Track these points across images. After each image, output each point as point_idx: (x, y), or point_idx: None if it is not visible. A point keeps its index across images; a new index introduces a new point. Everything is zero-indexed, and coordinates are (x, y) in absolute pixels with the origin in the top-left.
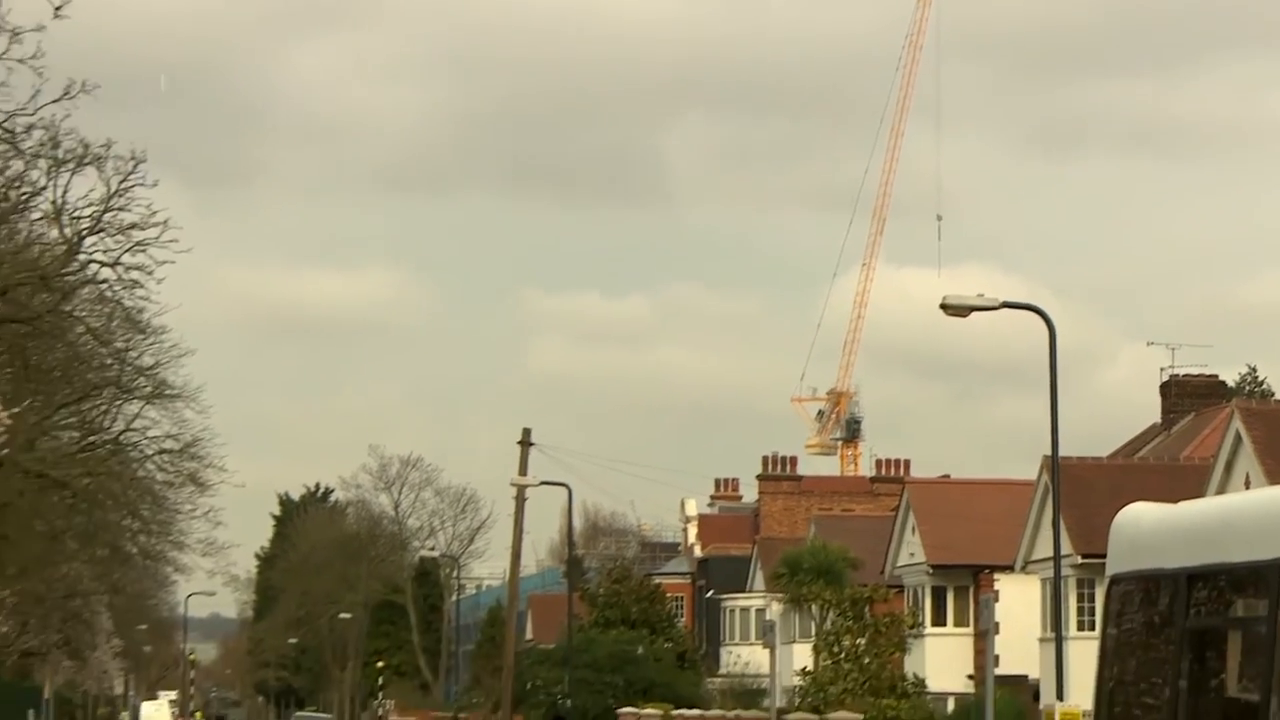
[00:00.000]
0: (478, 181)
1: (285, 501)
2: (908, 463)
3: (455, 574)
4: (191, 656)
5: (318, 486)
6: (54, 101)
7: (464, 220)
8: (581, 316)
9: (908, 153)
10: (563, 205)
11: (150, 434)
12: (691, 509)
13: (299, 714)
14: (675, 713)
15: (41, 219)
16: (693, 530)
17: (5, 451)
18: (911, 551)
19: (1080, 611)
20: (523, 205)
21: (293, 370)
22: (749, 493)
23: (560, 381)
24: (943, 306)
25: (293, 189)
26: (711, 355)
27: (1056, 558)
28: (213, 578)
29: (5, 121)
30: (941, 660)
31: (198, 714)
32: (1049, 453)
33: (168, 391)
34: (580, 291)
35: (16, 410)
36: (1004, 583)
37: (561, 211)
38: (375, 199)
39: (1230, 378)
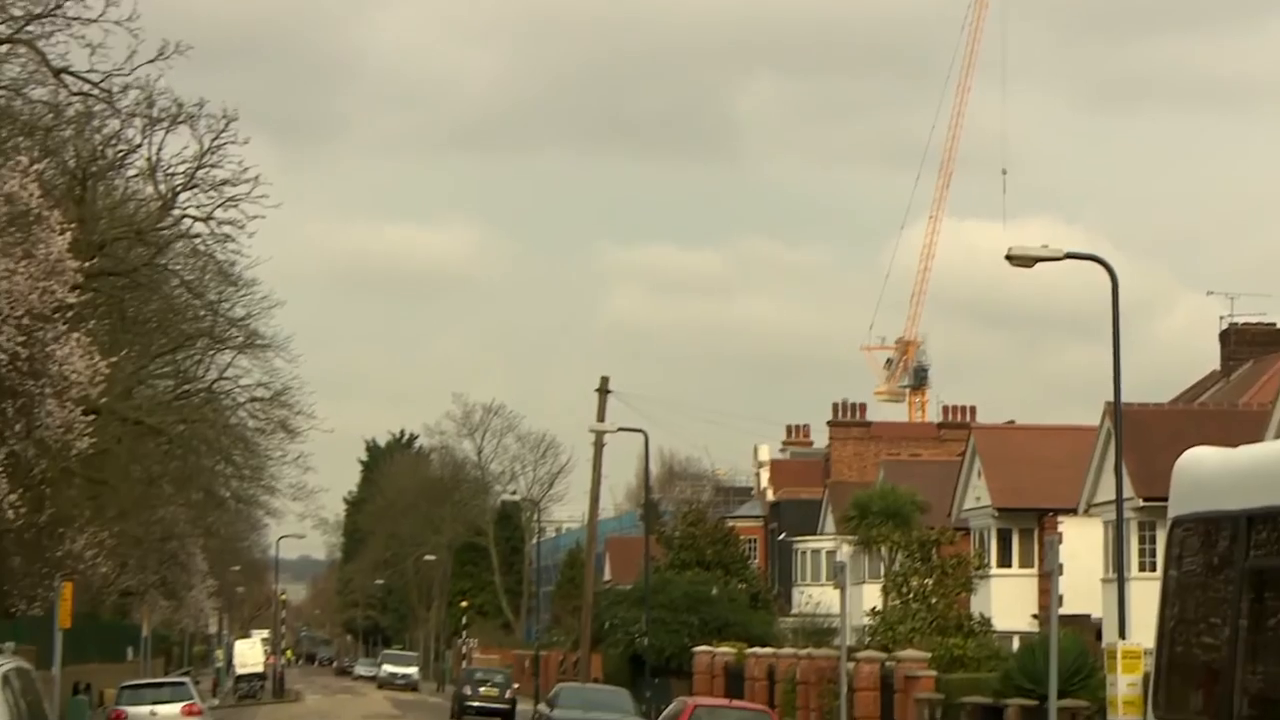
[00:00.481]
0: (555, 138)
1: (372, 447)
2: (973, 409)
3: (536, 517)
4: (283, 597)
5: (403, 433)
6: (149, 62)
7: (541, 176)
8: (656, 268)
9: (973, 109)
10: (637, 161)
11: (242, 382)
12: (764, 454)
13: (386, 652)
14: (749, 651)
15: (137, 176)
16: (765, 475)
17: (104, 400)
18: (977, 495)
19: (1141, 553)
20: (598, 161)
21: (378, 321)
22: (819, 438)
23: (636, 331)
24: (1008, 258)
25: (376, 146)
26: (782, 306)
27: (1119, 501)
28: (303, 521)
29: (103, 81)
30: (1006, 600)
31: (289, 652)
32: (1111, 399)
33: (259, 341)
34: (654, 244)
35: (115, 360)
36: (1067, 525)
37: (635, 167)
38: (455, 156)
39: None
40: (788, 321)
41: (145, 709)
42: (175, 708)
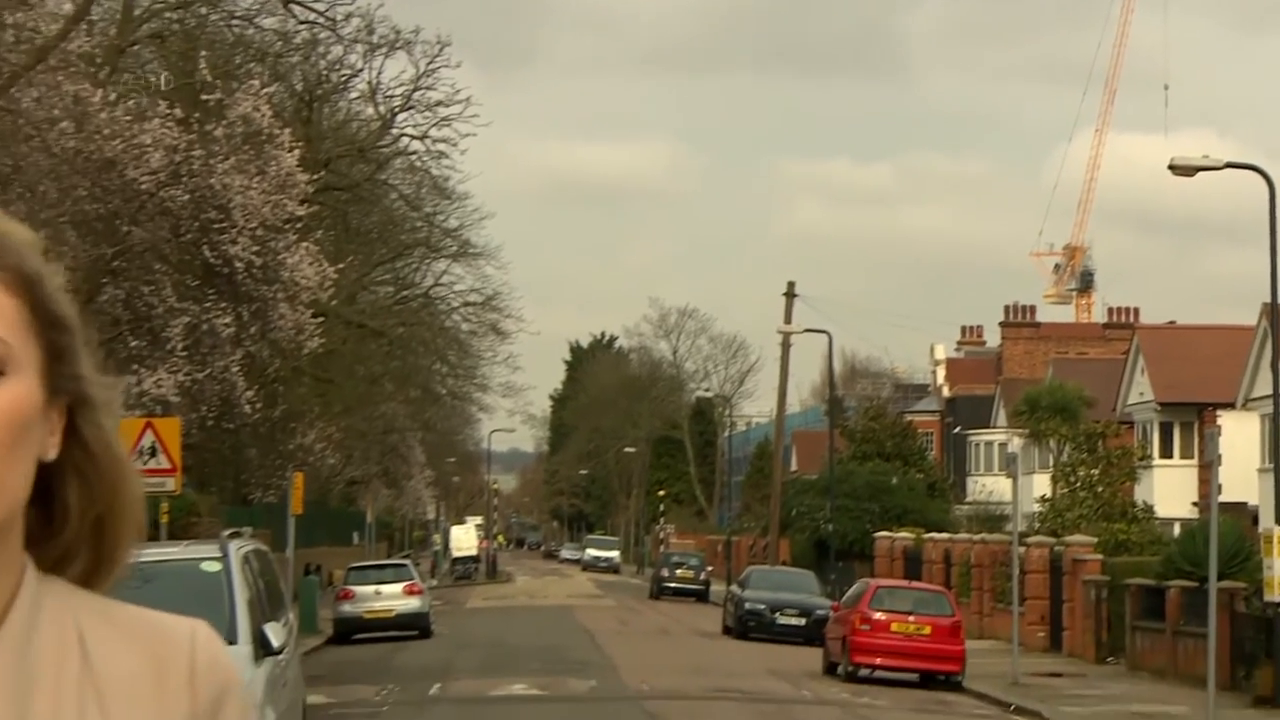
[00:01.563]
0: (738, 59)
1: (575, 348)
2: (1137, 310)
3: (727, 412)
4: (494, 486)
5: (604, 334)
6: None
7: (726, 94)
8: (832, 180)
9: (1136, 28)
10: (814, 79)
11: (456, 288)
12: (940, 353)
13: (589, 537)
14: (926, 536)
15: (359, 98)
16: (941, 373)
17: (331, 304)
18: (1141, 391)
19: None
20: (779, 80)
21: (579, 231)
22: (992, 338)
23: (815, 239)
24: (1171, 167)
25: (571, 69)
26: (950, 216)
27: (1276, 396)
28: (512, 416)
29: (327, 11)
30: (1168, 489)
31: (500, 537)
32: (1268, 300)
33: (471, 250)
34: (831, 158)
35: (340, 267)
36: (1226, 419)
37: (813, 85)
38: (646, 77)
39: None
40: (957, 231)
41: (370, 588)
42: (398, 587)
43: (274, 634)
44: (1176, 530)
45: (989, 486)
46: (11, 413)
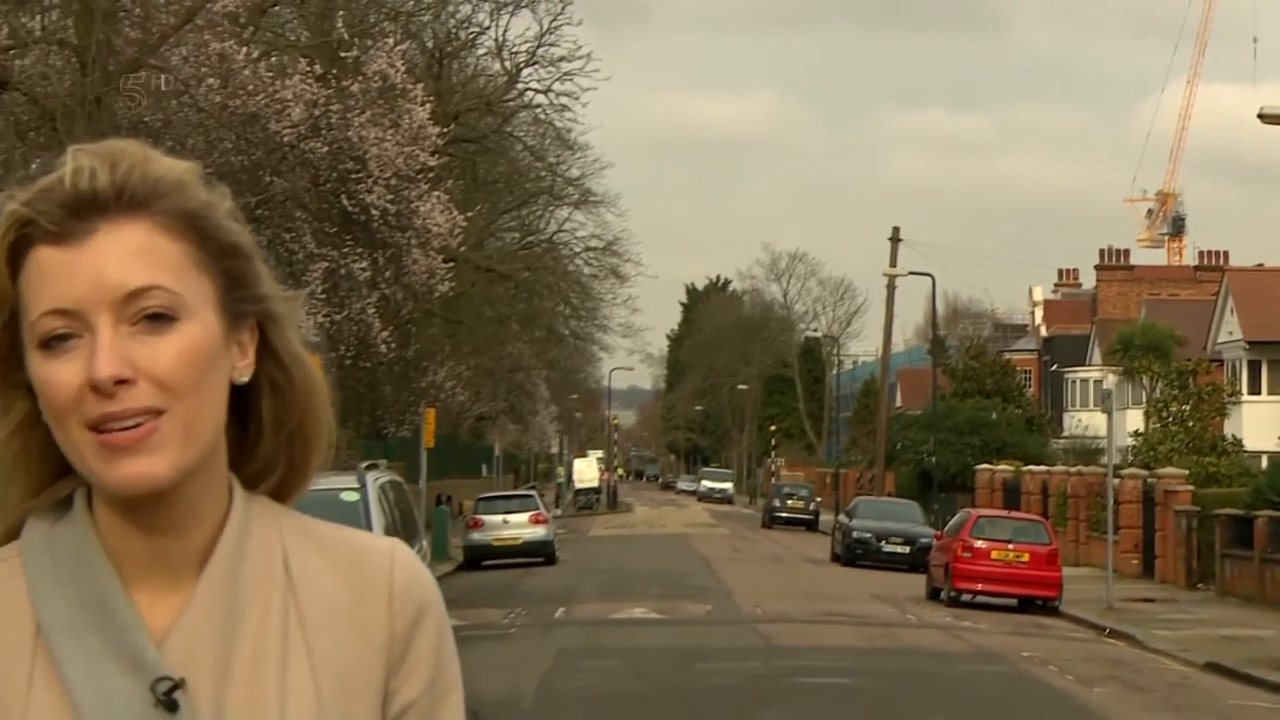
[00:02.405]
0: (842, 14)
1: (691, 291)
2: (1226, 253)
3: (835, 351)
4: (614, 421)
5: (718, 278)
6: None
7: (831, 48)
8: (931, 131)
9: None
10: (914, 33)
11: (578, 234)
12: (1038, 295)
13: (704, 469)
14: (1025, 468)
15: (486, 55)
16: (1039, 313)
17: (461, 249)
18: (1230, 330)
19: None
20: (880, 34)
21: (693, 180)
22: (1087, 280)
23: (916, 185)
24: (1260, 116)
25: (681, 25)
26: (1049, 164)
27: None
28: (631, 355)
29: None
30: (1256, 423)
31: (620, 469)
32: None
33: (592, 198)
34: (929, 109)
35: (469, 215)
36: None
37: (913, 39)
38: (754, 32)
39: None
40: (1052, 178)
41: (498, 517)
42: (524, 516)
43: None
44: (1264, 463)
45: (1084, 422)
46: (190, 354)
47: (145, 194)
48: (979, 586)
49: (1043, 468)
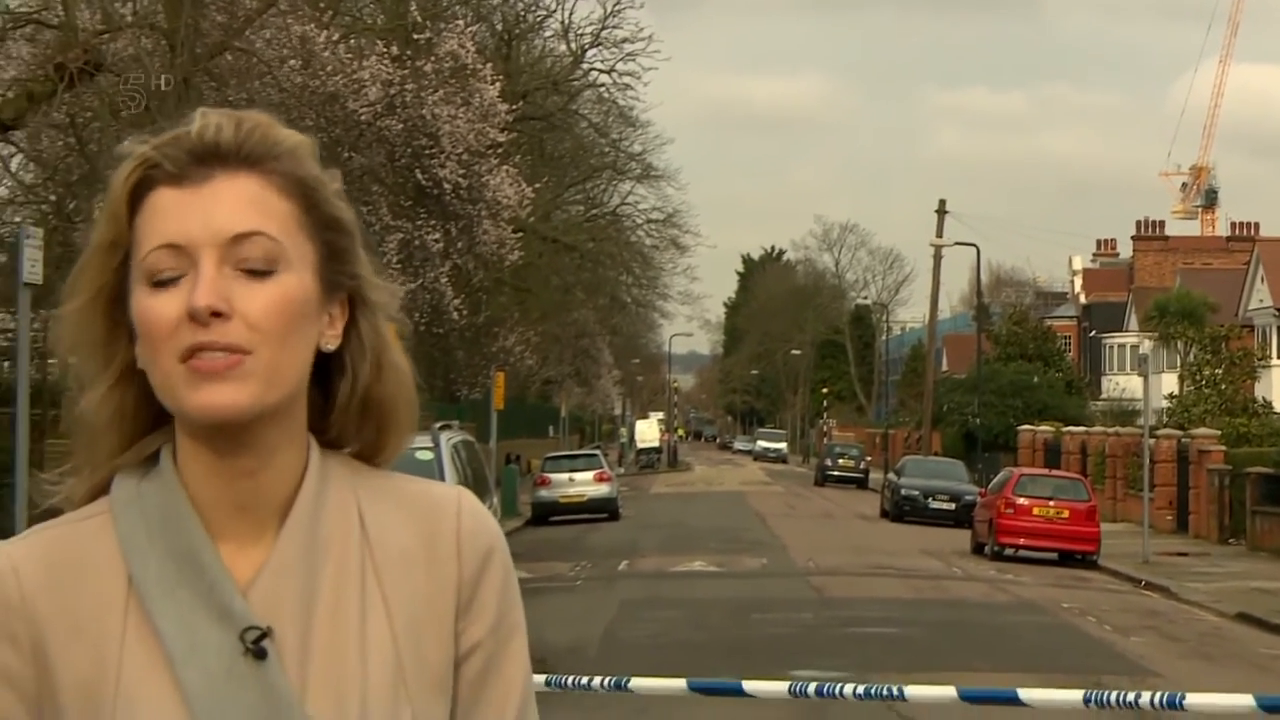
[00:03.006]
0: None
1: (747, 260)
2: (1257, 224)
3: (884, 318)
4: (674, 384)
5: (773, 248)
6: None
7: (876, 30)
8: (972, 108)
9: None
10: (954, 15)
11: (640, 207)
12: (1077, 264)
13: (760, 430)
14: (1065, 429)
15: (552, 36)
16: (1078, 281)
17: (529, 221)
18: (1260, 297)
19: None
20: (923, 16)
21: (748, 155)
22: (1124, 250)
23: (961, 160)
24: None
25: (738, 10)
26: (1086, 140)
27: None
28: (690, 322)
29: None
30: None
31: (680, 430)
32: None
33: (653, 173)
34: (970, 88)
35: (536, 188)
36: None
37: (953, 21)
38: (803, 17)
39: None
40: (1089, 154)
41: (565, 475)
42: (589, 475)
43: None
44: None
45: (1121, 384)
46: (283, 303)
47: (262, 153)
48: (1021, 541)
49: (1082, 428)
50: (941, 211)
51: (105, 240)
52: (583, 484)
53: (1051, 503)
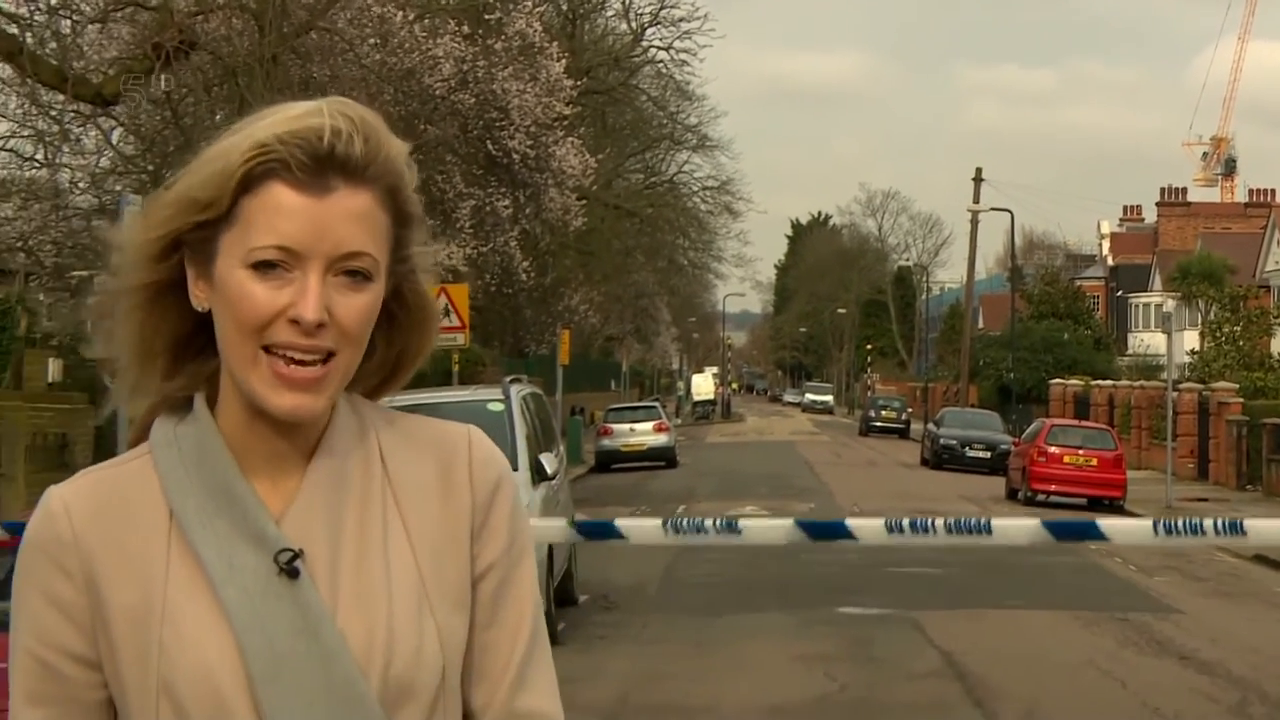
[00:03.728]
0: None
1: (796, 225)
2: (1274, 191)
3: (924, 279)
4: (728, 341)
5: (820, 213)
6: None
7: (911, 12)
8: (1005, 83)
9: None
10: None
11: (695, 175)
12: (1105, 228)
13: (808, 384)
14: (1093, 383)
15: (614, 16)
16: (1106, 245)
17: (592, 189)
18: (1276, 259)
19: None
20: None
21: (796, 127)
22: (1149, 215)
23: (995, 132)
24: None
25: None
26: (1114, 112)
27: None
28: (743, 283)
29: None
30: None
31: (733, 383)
32: None
33: (708, 143)
34: (1002, 65)
35: (599, 158)
36: None
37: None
38: None
39: None
40: (1115, 125)
41: (626, 426)
42: (649, 425)
43: (547, 463)
44: None
45: (1146, 341)
46: (370, 311)
47: (380, 172)
48: (1052, 487)
49: (1109, 382)
50: (978, 180)
51: (202, 198)
52: (643, 434)
53: (1081, 451)
